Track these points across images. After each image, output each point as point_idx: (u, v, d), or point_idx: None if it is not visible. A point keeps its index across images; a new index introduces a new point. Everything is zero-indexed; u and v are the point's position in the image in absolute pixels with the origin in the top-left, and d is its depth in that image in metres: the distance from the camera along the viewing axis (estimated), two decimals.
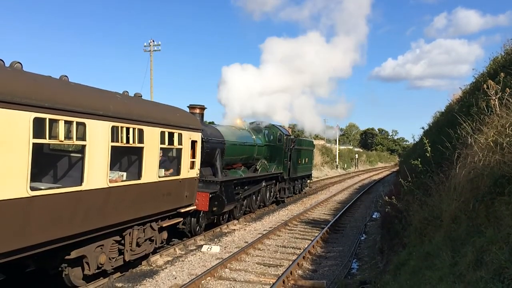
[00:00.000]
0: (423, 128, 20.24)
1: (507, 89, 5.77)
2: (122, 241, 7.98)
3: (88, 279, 7.46)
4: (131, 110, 7.61)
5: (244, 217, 15.84)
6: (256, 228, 14.34)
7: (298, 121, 23.55)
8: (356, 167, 66.03)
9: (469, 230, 4.80)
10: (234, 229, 13.94)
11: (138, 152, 8.09)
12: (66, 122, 5.96)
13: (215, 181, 12.68)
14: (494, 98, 5.93)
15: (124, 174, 8.11)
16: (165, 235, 9.65)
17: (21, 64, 5.82)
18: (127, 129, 7.44)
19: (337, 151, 58.04)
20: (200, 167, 10.73)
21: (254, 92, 18.00)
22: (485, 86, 6.10)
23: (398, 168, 32.83)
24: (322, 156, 50.78)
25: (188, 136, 9.77)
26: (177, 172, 9.44)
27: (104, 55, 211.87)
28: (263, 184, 17.59)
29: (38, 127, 5.50)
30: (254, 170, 17.43)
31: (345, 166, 60.10)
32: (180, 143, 9.35)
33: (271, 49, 20.49)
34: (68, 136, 6.28)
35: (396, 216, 8.79)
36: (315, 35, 23.41)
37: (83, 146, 6.40)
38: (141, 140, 7.81)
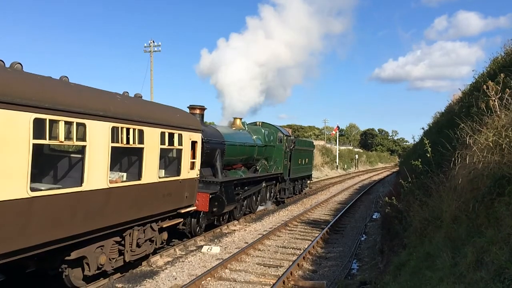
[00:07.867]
0: (423, 128, 20.30)
1: (507, 89, 5.77)
2: (122, 242, 7.97)
3: (88, 279, 7.46)
4: (131, 111, 7.62)
5: (244, 218, 15.84)
6: (256, 229, 14.34)
7: None
8: (356, 168, 66.03)
9: (469, 230, 4.80)
10: (234, 230, 13.94)
11: (138, 153, 8.10)
12: (66, 122, 5.97)
13: (215, 182, 12.67)
14: (493, 98, 5.92)
15: (124, 174, 8.11)
16: (165, 235, 9.64)
17: (21, 64, 5.83)
18: (127, 129, 7.44)
19: (337, 152, 58.05)
20: (200, 167, 10.73)
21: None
22: (484, 86, 6.09)
23: (398, 168, 32.86)
24: (322, 157, 50.81)
25: (188, 137, 9.77)
26: (177, 172, 9.44)
27: (104, 56, 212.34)
28: (263, 184, 17.59)
29: (38, 128, 5.51)
30: (254, 170, 17.44)
31: (345, 167, 60.10)
32: (180, 143, 9.34)
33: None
34: (68, 136, 6.28)
35: (396, 216, 8.79)
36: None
37: (83, 147, 6.40)
38: (141, 141, 7.81)
